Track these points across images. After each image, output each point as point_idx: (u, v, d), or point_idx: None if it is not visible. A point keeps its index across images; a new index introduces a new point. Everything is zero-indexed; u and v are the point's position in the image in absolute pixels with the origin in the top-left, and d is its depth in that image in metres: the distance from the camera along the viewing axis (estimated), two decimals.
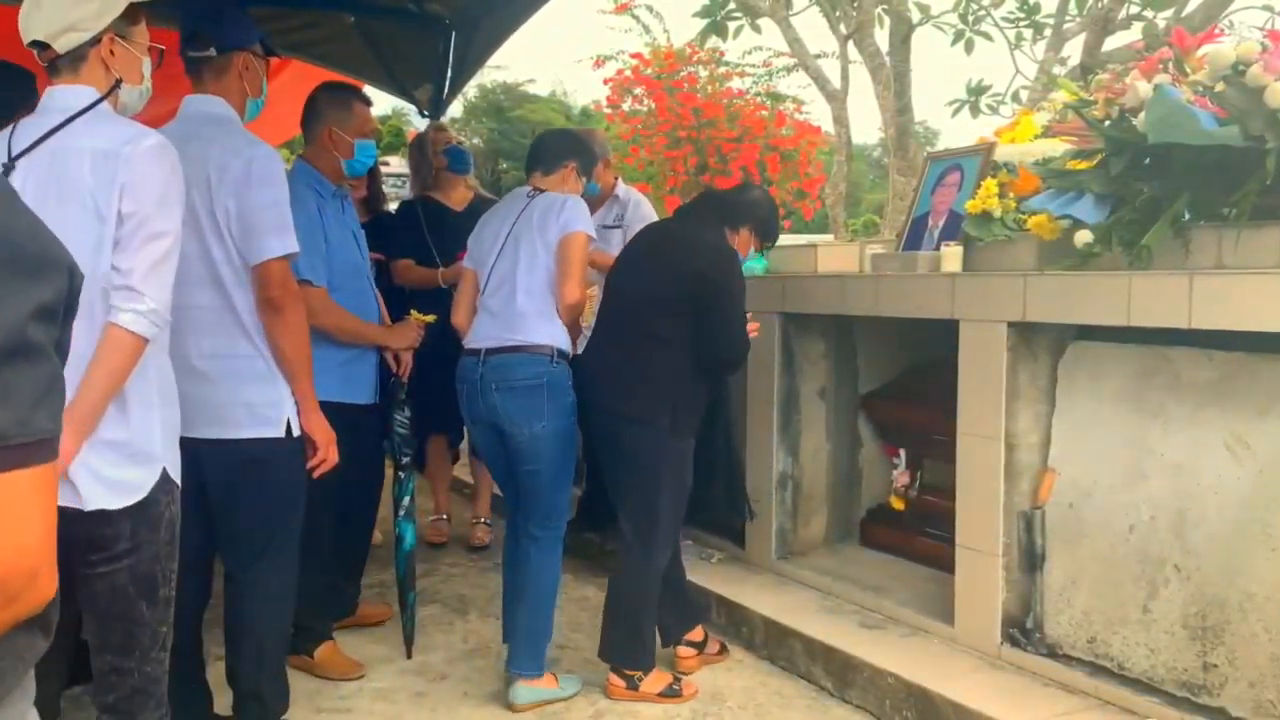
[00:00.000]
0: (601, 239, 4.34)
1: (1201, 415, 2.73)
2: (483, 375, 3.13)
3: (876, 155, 31.61)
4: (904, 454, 4.04)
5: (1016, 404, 3.11)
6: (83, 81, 2.01)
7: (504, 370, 3.11)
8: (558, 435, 3.13)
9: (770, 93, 10.02)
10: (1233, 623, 2.62)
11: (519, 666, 3.15)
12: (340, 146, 3.30)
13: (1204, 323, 2.59)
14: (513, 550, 3.28)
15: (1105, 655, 2.91)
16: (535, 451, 3.11)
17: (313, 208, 3.17)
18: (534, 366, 3.10)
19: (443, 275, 4.37)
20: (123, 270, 1.93)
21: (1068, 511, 3.01)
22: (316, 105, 3.35)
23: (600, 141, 4.45)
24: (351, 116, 3.34)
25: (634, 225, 4.33)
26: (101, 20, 2.00)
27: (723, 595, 3.72)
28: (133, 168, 1.93)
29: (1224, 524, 2.65)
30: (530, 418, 3.09)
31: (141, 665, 2.02)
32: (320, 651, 3.32)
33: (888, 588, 3.68)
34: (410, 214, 4.71)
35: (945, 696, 2.89)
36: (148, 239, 1.93)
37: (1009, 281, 3.10)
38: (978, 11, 8.70)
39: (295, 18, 5.30)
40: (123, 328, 1.91)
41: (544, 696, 3.16)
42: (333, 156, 3.31)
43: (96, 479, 1.92)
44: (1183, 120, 2.73)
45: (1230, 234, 2.76)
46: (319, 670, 3.29)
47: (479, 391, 3.14)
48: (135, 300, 1.92)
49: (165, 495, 2.03)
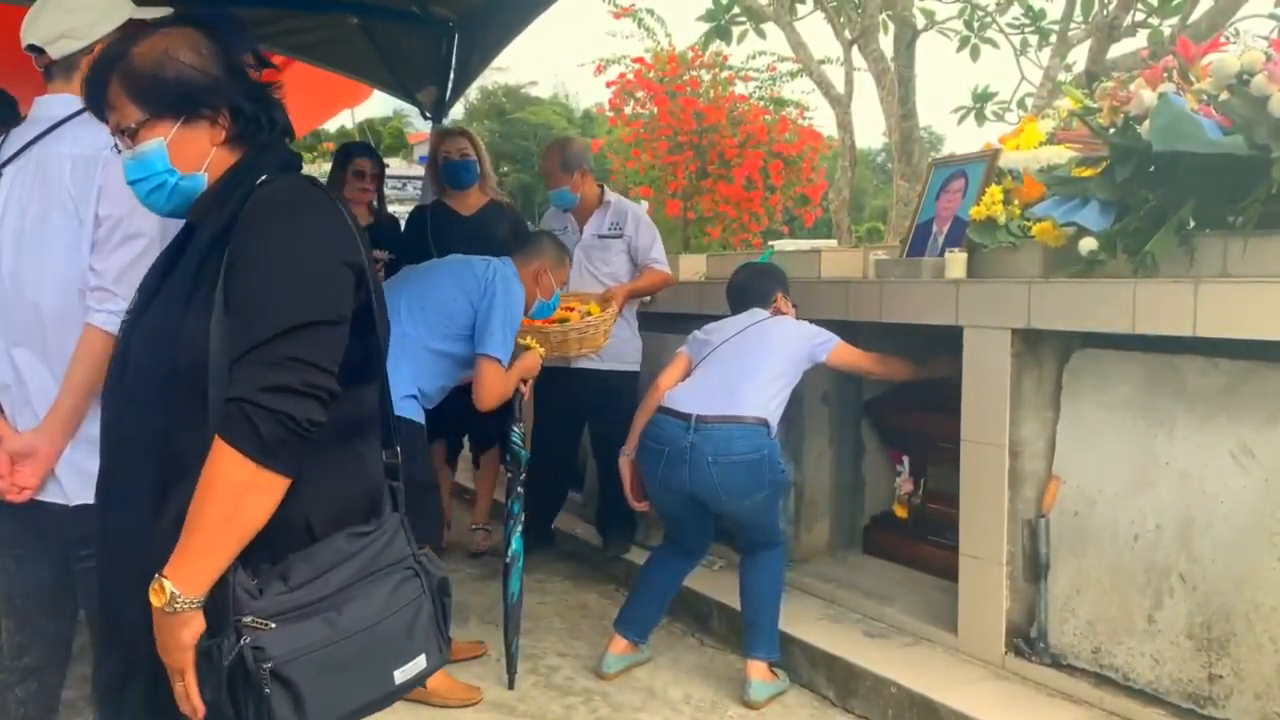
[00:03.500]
0: (600, 248, 4.32)
1: (1208, 424, 2.71)
2: (694, 444, 3.13)
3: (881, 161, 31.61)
4: (908, 461, 4.02)
5: (1021, 411, 3.10)
6: (73, 89, 2.03)
7: (720, 442, 3.12)
8: (775, 495, 3.25)
9: (774, 98, 10.02)
10: (1239, 633, 2.60)
11: (759, 650, 3.22)
12: (544, 288, 3.49)
13: (1209, 331, 2.58)
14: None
15: (1110, 665, 2.89)
16: (755, 510, 3.19)
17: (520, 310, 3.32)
18: (753, 439, 3.14)
19: None
20: (98, 271, 1.97)
21: (1073, 520, 3.00)
22: (543, 241, 3.58)
23: (578, 151, 4.40)
24: (564, 270, 3.62)
25: (637, 235, 4.31)
26: (96, 30, 2.04)
27: (724, 603, 3.70)
28: (110, 172, 1.95)
29: (1230, 533, 2.64)
30: (751, 490, 3.15)
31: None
32: (431, 680, 3.23)
33: (891, 596, 3.66)
34: (419, 219, 4.69)
35: (949, 706, 2.87)
36: (123, 240, 1.98)
37: (1013, 288, 3.09)
38: (983, 18, 8.71)
39: (299, 19, 5.31)
40: (98, 328, 1.95)
41: (776, 690, 3.24)
42: (533, 290, 3.44)
43: (79, 474, 1.97)
44: (1188, 128, 2.72)
45: (1236, 242, 2.75)
46: (436, 699, 3.15)
47: (685, 461, 3.14)
48: (109, 300, 1.96)
49: None
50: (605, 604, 4.13)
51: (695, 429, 3.13)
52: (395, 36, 5.60)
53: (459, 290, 3.24)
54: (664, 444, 3.19)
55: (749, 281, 3.61)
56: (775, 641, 3.25)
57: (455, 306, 3.22)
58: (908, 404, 4.03)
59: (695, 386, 3.29)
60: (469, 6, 5.38)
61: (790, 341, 3.34)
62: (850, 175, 9.78)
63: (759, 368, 3.24)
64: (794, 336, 3.36)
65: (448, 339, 3.20)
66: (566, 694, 3.30)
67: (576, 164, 4.31)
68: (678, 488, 3.18)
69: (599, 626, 3.88)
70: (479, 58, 5.77)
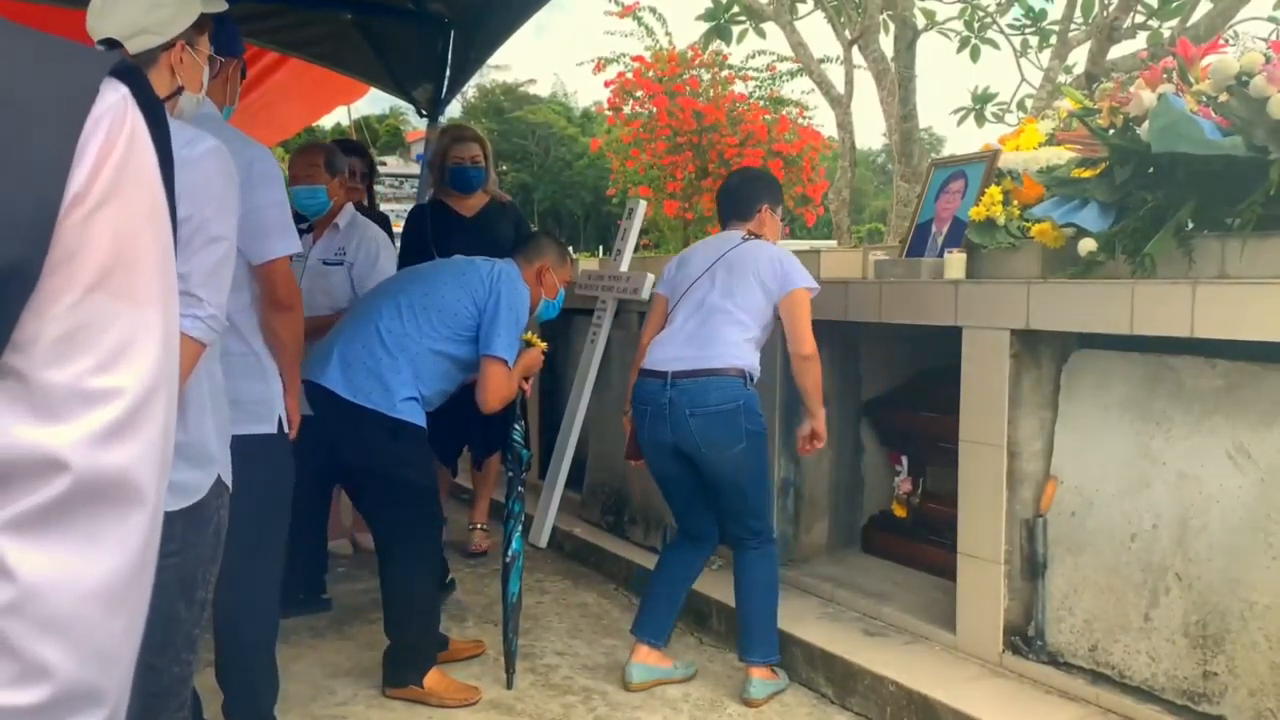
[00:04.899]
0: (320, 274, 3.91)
1: (1204, 424, 2.72)
2: (671, 399, 3.16)
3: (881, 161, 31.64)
4: (906, 461, 4.03)
5: (1019, 411, 3.11)
6: None
7: (697, 395, 3.14)
8: (756, 449, 3.22)
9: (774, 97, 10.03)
10: (1233, 631, 2.62)
11: (755, 654, 3.22)
12: (548, 288, 3.47)
13: (1207, 332, 2.60)
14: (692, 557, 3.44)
15: (1106, 663, 2.90)
16: (736, 466, 3.17)
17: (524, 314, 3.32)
18: (728, 390, 3.14)
19: None
20: (181, 275, 1.91)
21: (1070, 519, 3.01)
22: (544, 242, 3.57)
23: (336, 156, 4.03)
24: (566, 269, 3.57)
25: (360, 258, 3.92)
26: (175, 26, 2.02)
27: (723, 602, 3.71)
28: (190, 171, 1.92)
29: (1226, 533, 2.65)
30: (729, 441, 3.14)
31: (171, 665, 2.04)
32: (429, 680, 3.22)
33: (889, 595, 3.67)
34: (418, 218, 4.63)
35: (946, 704, 2.88)
36: (206, 243, 1.93)
37: (1012, 289, 3.10)
38: (983, 19, 8.72)
39: (293, 15, 5.29)
40: (184, 334, 1.89)
41: (775, 689, 3.25)
42: (537, 290, 3.43)
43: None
44: (1187, 130, 2.73)
45: (1234, 243, 2.76)
46: (433, 699, 3.18)
47: (666, 417, 3.17)
48: (194, 306, 1.91)
49: (217, 499, 2.05)
50: (604, 603, 4.14)
51: (672, 385, 3.16)
52: (391, 33, 5.59)
53: (464, 291, 3.24)
54: (647, 403, 3.23)
55: (737, 188, 3.53)
56: (774, 643, 3.25)
57: (459, 307, 3.21)
58: (907, 404, 4.04)
59: (669, 340, 3.27)
60: (465, 4, 5.37)
61: (760, 274, 3.22)
62: (850, 176, 9.78)
63: (729, 312, 3.21)
64: (765, 272, 3.23)
65: (451, 340, 3.20)
66: (565, 693, 3.30)
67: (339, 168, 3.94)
68: (664, 443, 3.20)
69: (597, 626, 3.89)
70: (475, 55, 5.77)
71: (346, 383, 3.13)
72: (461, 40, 5.61)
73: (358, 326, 3.22)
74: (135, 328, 0.68)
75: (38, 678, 0.64)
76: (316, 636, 3.75)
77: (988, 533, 3.15)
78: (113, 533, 0.67)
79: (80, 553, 0.65)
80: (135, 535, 0.68)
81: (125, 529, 0.67)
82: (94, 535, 0.66)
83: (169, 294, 0.72)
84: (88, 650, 0.66)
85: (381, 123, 31.30)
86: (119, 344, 0.67)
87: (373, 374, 3.13)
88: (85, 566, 0.65)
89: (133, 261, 0.68)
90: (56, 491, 0.64)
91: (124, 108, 0.69)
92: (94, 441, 0.65)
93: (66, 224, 0.65)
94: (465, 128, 4.99)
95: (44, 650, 0.64)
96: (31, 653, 0.63)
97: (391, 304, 3.23)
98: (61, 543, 0.64)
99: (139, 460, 0.68)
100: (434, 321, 3.19)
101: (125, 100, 0.69)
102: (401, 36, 5.63)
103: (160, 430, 0.70)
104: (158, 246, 0.71)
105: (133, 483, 0.67)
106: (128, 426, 0.67)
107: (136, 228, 0.69)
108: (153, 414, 0.69)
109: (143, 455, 0.68)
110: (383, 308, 3.22)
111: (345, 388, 3.12)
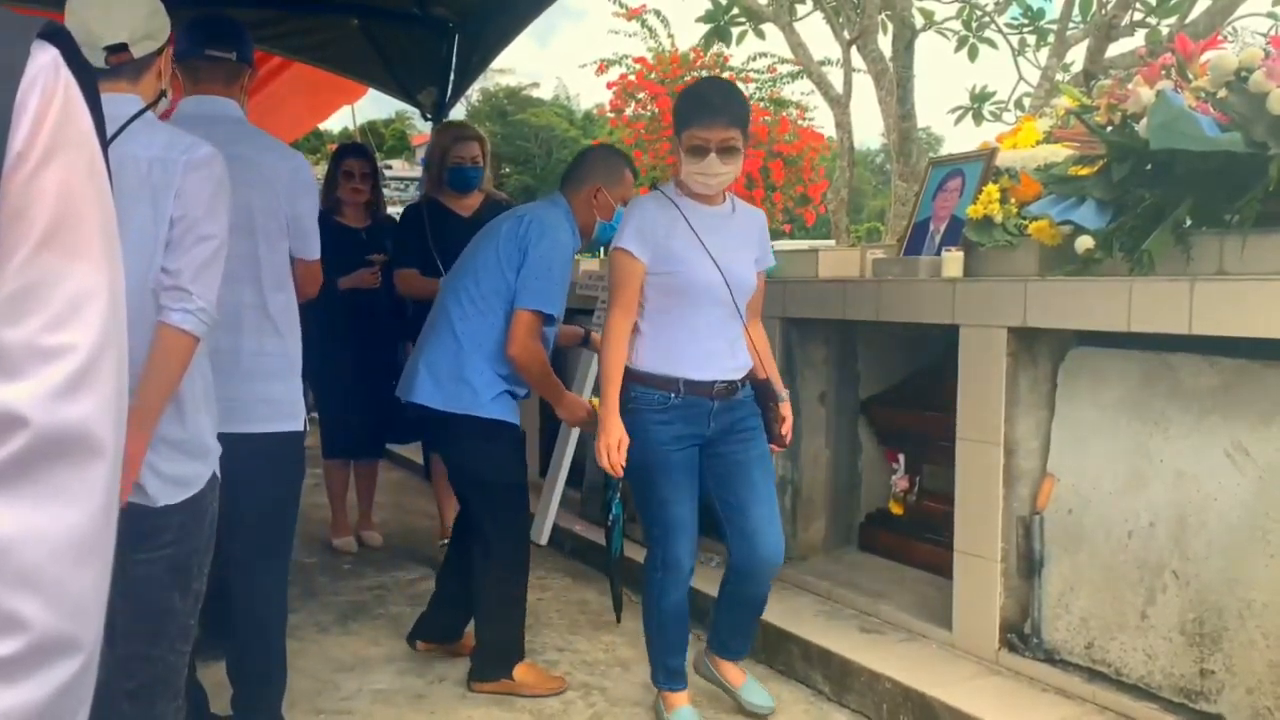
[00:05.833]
0: None
1: (1202, 422, 2.72)
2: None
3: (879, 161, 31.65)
4: (904, 459, 4.04)
5: (1016, 409, 3.11)
6: (138, 90, 2.10)
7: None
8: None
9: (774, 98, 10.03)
10: (1230, 629, 2.62)
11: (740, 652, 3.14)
12: (602, 209, 3.30)
13: (1205, 329, 2.59)
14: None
15: (1103, 661, 2.90)
16: None
17: (570, 252, 3.23)
18: None
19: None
20: (172, 271, 2.01)
21: (1067, 517, 3.01)
22: (588, 161, 3.41)
23: None
24: (624, 184, 3.38)
25: None
26: (166, 33, 2.14)
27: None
28: (187, 175, 2.02)
29: (1223, 531, 2.65)
30: None
31: (167, 654, 2.09)
32: (518, 672, 3.25)
33: (886, 593, 3.68)
34: (414, 218, 4.53)
35: (943, 701, 2.88)
36: (196, 240, 2.02)
37: (1010, 287, 3.10)
38: (981, 18, 8.72)
39: (300, 20, 5.34)
40: (174, 326, 1.99)
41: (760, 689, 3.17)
42: (590, 216, 3.29)
43: (158, 476, 2.01)
44: (1185, 126, 2.73)
45: (1232, 241, 2.76)
46: (524, 690, 3.22)
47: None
48: (185, 299, 2.00)
49: (211, 491, 2.13)
50: (603, 600, 4.14)
51: None
52: (395, 37, 5.61)
53: (501, 264, 3.13)
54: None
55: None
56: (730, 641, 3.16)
57: (503, 284, 3.12)
58: (904, 403, 4.05)
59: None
60: (469, 7, 5.39)
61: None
62: (849, 175, 9.78)
63: None
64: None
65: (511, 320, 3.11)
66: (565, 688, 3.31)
67: None
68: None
69: (597, 622, 3.90)
70: (479, 58, 5.78)
71: (437, 391, 3.13)
72: (465, 44, 5.63)
73: (437, 333, 3.21)
74: (84, 285, 0.69)
75: (13, 629, 0.65)
76: (321, 632, 3.76)
77: (985, 531, 3.16)
78: (76, 485, 0.68)
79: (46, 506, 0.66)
80: (98, 487, 0.69)
81: (88, 481, 0.69)
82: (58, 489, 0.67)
83: (113, 253, 0.73)
84: (61, 601, 0.67)
85: (387, 127, 31.34)
86: (70, 301, 0.68)
87: (457, 377, 3.12)
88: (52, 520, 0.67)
89: (78, 219, 0.69)
90: (17, 446, 0.65)
91: (56, 67, 0.69)
92: (52, 396, 0.66)
93: (11, 184, 0.66)
94: (466, 126, 4.88)
95: (17, 603, 0.65)
96: (6, 606, 0.65)
97: (455, 301, 3.19)
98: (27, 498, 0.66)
99: (96, 413, 0.69)
100: (492, 306, 3.13)
101: (56, 60, 0.70)
102: (406, 41, 5.66)
103: (114, 383, 0.71)
104: (100, 205, 0.72)
105: (92, 435, 0.69)
106: (83, 381, 0.68)
107: (79, 186, 0.70)
108: (106, 368, 0.70)
109: (99, 408, 0.69)
110: (451, 308, 3.19)
111: (437, 397, 3.13)
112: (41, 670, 0.66)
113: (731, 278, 2.83)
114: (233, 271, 2.23)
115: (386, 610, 4.01)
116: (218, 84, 2.64)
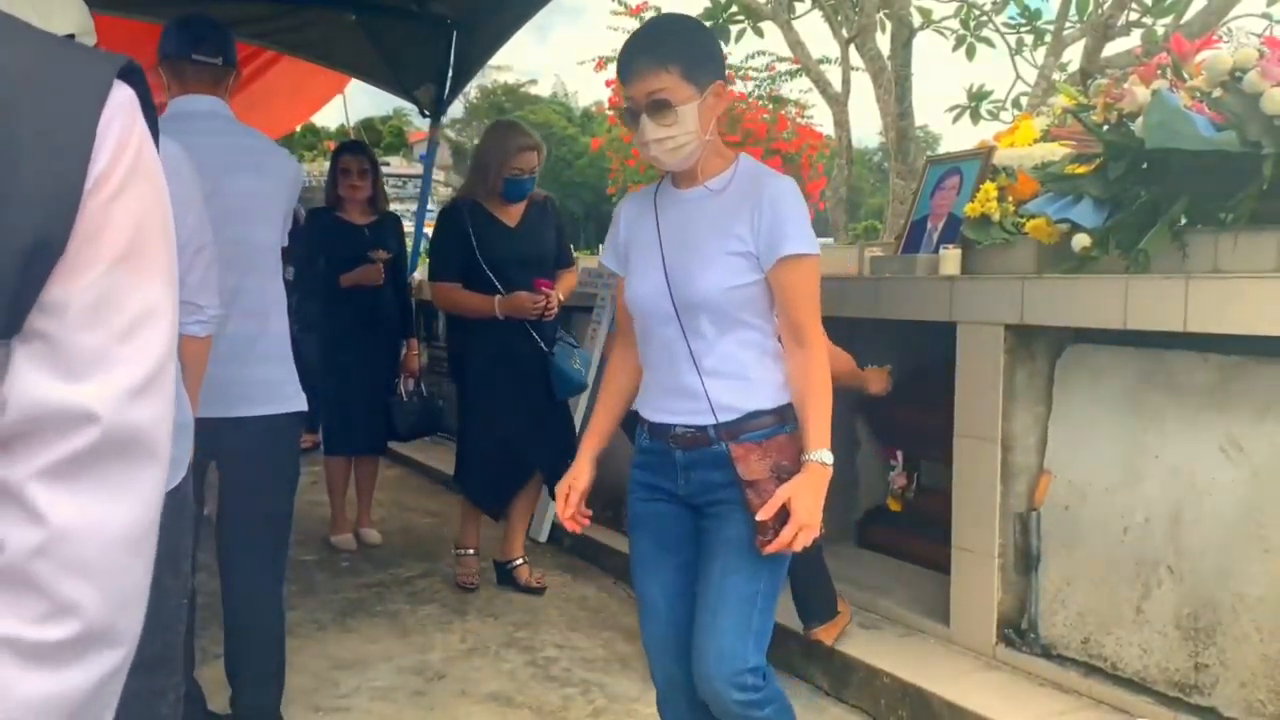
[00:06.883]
0: None
1: (1198, 418, 2.74)
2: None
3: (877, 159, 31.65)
4: (901, 456, 4.05)
5: (1013, 406, 3.13)
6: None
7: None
8: None
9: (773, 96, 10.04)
10: (1225, 623, 2.64)
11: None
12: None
13: (1200, 326, 2.61)
14: None
15: (1099, 655, 2.93)
16: None
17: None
18: None
19: (502, 306, 3.90)
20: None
21: (1063, 513, 3.03)
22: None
23: None
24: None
25: None
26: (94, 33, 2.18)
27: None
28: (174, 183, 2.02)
29: (1218, 526, 2.67)
30: None
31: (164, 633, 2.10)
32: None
33: (884, 588, 3.70)
34: (454, 223, 3.99)
35: (941, 696, 2.90)
36: (194, 253, 2.09)
37: (1007, 284, 3.12)
38: (979, 17, 8.73)
39: (297, 15, 5.32)
40: (193, 337, 2.13)
41: None
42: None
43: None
44: (1181, 125, 2.75)
45: (1227, 238, 2.78)
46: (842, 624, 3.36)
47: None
48: (196, 312, 2.12)
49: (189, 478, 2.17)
50: (603, 597, 4.16)
51: None
52: (394, 34, 5.62)
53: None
54: None
55: None
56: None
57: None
58: (902, 400, 4.06)
59: None
60: (467, 4, 5.40)
61: None
62: (847, 173, 9.80)
63: None
64: None
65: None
66: (564, 685, 3.33)
67: None
68: None
69: (596, 619, 3.92)
70: (477, 56, 5.80)
71: None
72: (464, 41, 5.64)
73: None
74: (151, 301, 0.75)
75: (67, 615, 0.69)
76: (320, 630, 3.78)
77: (982, 527, 3.18)
78: (134, 484, 0.72)
79: (106, 500, 0.71)
80: (151, 488, 0.74)
81: (142, 481, 0.73)
82: (118, 485, 0.71)
83: (173, 276, 0.79)
84: (112, 592, 0.71)
85: (384, 124, 31.33)
86: (139, 314, 0.74)
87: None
88: (110, 514, 0.71)
89: (147, 243, 0.75)
90: (86, 441, 0.70)
91: (133, 106, 0.76)
92: (121, 398, 0.71)
93: (91, 204, 0.71)
94: (528, 133, 4.11)
95: (73, 590, 0.69)
96: (61, 592, 0.69)
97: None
98: (89, 491, 0.70)
99: (157, 419, 0.74)
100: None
101: (133, 99, 0.76)
102: (404, 37, 5.66)
103: (170, 394, 0.76)
104: (165, 232, 0.79)
105: (151, 438, 0.74)
106: (148, 388, 0.73)
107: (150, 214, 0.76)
108: (166, 378, 0.76)
109: (160, 414, 0.75)
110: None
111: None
112: (87, 658, 0.70)
113: (676, 280, 2.08)
114: (227, 257, 2.30)
115: (385, 608, 4.02)
116: (205, 86, 2.68)
